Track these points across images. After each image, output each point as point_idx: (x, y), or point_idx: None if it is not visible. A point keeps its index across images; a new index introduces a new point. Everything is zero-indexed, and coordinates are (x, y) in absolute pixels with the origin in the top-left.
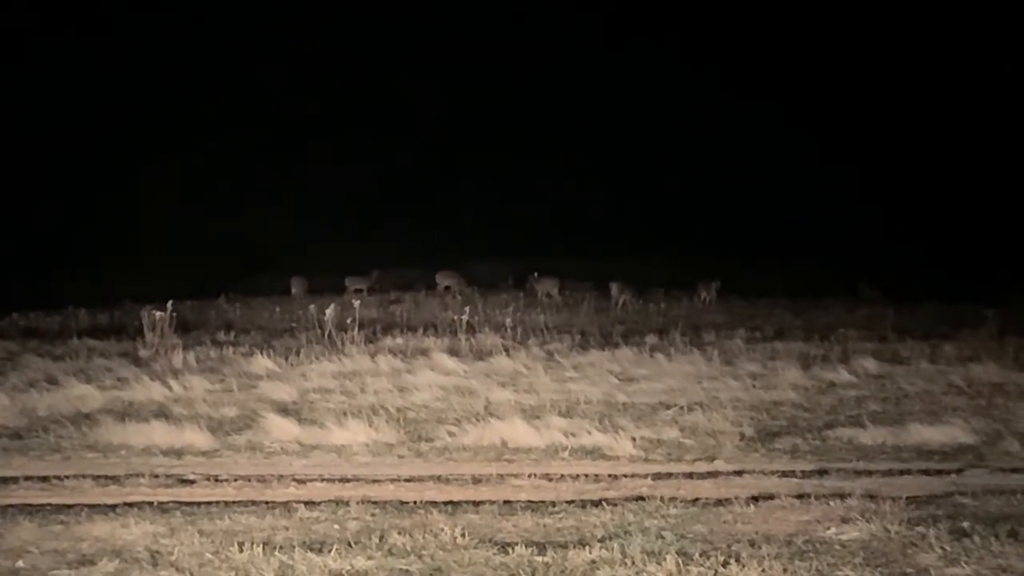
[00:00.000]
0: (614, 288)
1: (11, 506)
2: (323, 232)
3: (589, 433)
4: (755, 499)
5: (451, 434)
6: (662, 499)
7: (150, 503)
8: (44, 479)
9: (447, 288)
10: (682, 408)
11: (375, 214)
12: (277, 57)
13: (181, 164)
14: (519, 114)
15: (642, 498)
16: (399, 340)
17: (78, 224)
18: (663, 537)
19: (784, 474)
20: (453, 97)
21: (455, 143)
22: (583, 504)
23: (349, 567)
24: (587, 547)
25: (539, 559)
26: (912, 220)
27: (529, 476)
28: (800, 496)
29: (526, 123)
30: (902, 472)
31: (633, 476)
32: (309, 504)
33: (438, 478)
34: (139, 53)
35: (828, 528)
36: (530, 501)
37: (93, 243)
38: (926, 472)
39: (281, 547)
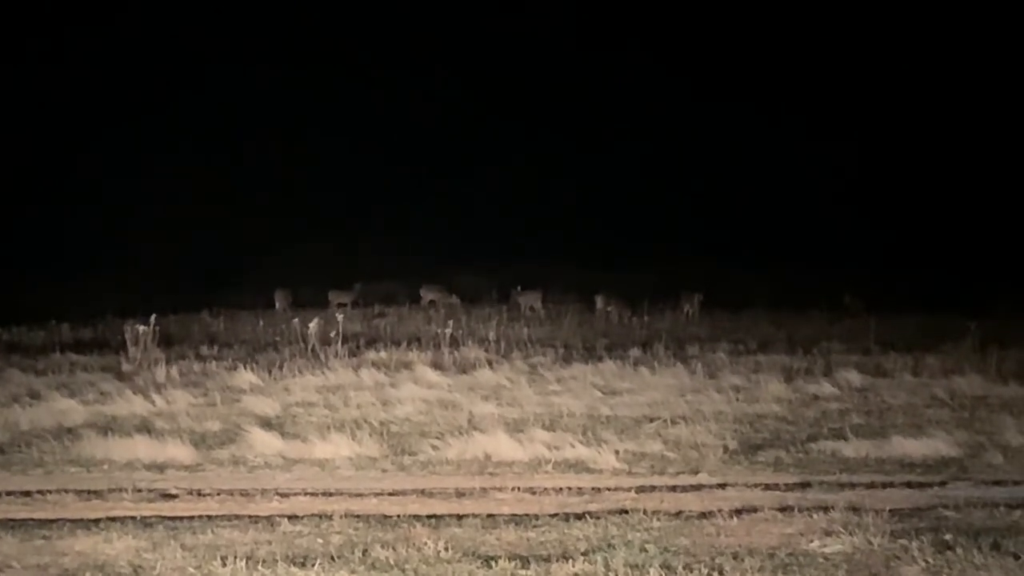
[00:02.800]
0: (599, 301)
1: None
2: (306, 245)
3: (572, 446)
4: (738, 512)
5: (434, 448)
6: (645, 512)
7: (133, 518)
8: (27, 494)
9: (432, 302)
10: (665, 421)
11: (358, 227)
12: (259, 72)
13: (163, 177)
14: (500, 124)
15: (625, 511)
16: (382, 354)
17: (60, 238)
18: (646, 550)
19: (767, 487)
20: (434, 109)
21: (436, 155)
22: (566, 517)
23: None
24: (570, 560)
25: (522, 573)
26: (895, 231)
27: (512, 489)
28: (783, 509)
29: (508, 134)
30: (885, 485)
31: (616, 489)
32: (292, 518)
33: (421, 492)
34: (118, 67)
35: (811, 541)
36: (513, 514)
37: (76, 257)
38: (909, 485)
39: (264, 561)
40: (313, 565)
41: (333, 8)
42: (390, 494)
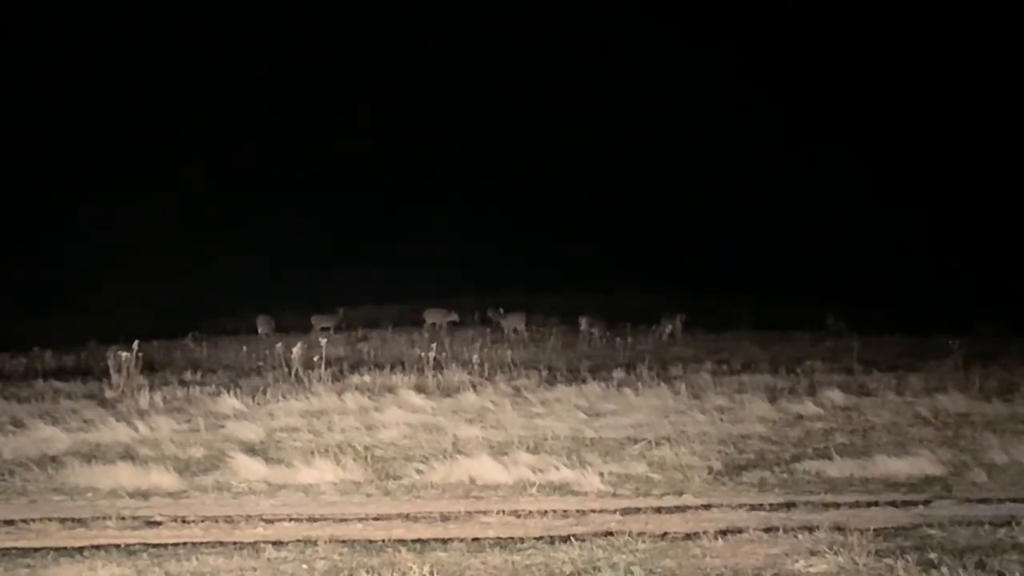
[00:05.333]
0: (583, 323)
1: None
2: (289, 271)
3: (557, 469)
4: (723, 533)
5: (419, 472)
6: (630, 534)
7: (117, 545)
8: (10, 523)
9: (434, 324)
10: (650, 443)
11: (340, 253)
12: (241, 100)
13: (146, 204)
14: (483, 148)
15: (611, 533)
16: (366, 378)
17: (43, 265)
18: (632, 572)
19: (752, 507)
20: (417, 133)
21: (418, 181)
22: (551, 540)
23: None
24: None
25: None
26: (877, 252)
27: (497, 513)
28: (768, 529)
29: (491, 157)
30: (870, 504)
31: (601, 511)
32: (277, 544)
33: (406, 516)
34: (102, 92)
35: (796, 561)
36: (498, 538)
37: (59, 284)
38: (893, 504)
39: None
40: None
41: (321, 40)
42: (375, 519)
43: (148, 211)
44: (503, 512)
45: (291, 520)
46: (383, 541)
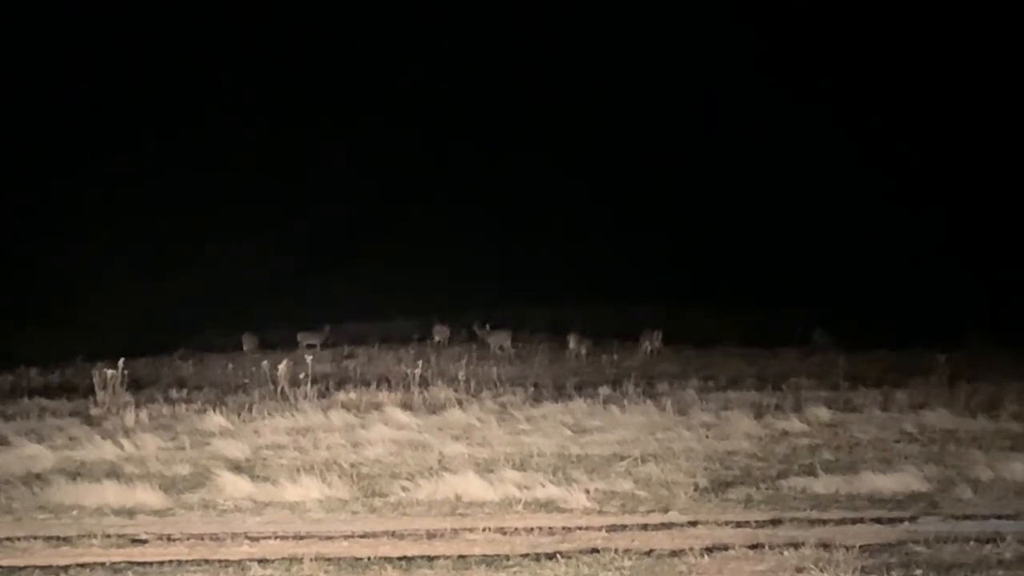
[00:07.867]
0: (572, 340)
1: None
2: (274, 287)
3: (543, 486)
4: (709, 550)
5: (405, 489)
6: (616, 551)
7: (102, 564)
8: None
9: (441, 341)
10: (636, 459)
11: (325, 269)
12: (226, 111)
13: (130, 220)
14: (465, 161)
15: (596, 550)
16: (352, 395)
17: (27, 281)
18: None
19: (738, 524)
20: (400, 147)
21: (401, 195)
22: (538, 557)
23: None
24: None
25: None
26: (863, 267)
27: (483, 530)
28: (754, 546)
29: (473, 171)
30: (855, 521)
31: (587, 528)
32: (263, 562)
33: (392, 533)
34: (82, 107)
35: None
36: (485, 555)
37: (43, 301)
38: (879, 520)
39: None
40: None
41: (310, 51)
42: (361, 536)
43: (133, 227)
44: (489, 529)
45: (277, 538)
46: (369, 558)
